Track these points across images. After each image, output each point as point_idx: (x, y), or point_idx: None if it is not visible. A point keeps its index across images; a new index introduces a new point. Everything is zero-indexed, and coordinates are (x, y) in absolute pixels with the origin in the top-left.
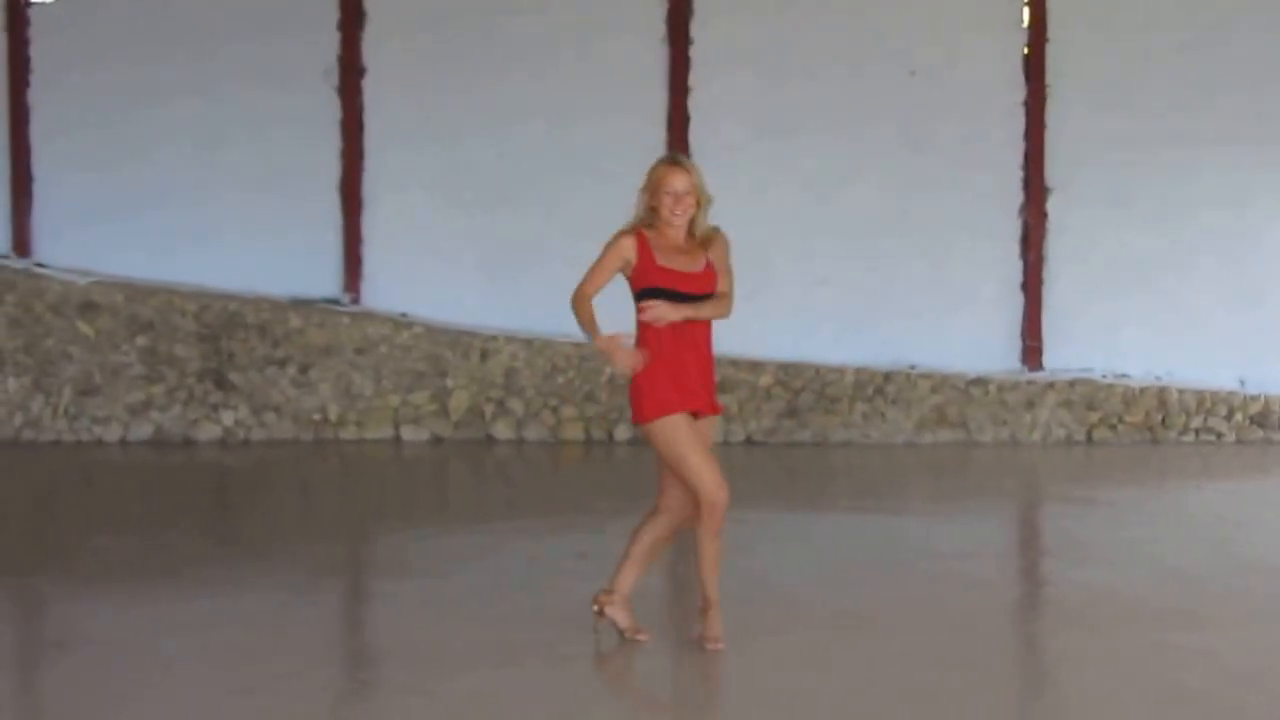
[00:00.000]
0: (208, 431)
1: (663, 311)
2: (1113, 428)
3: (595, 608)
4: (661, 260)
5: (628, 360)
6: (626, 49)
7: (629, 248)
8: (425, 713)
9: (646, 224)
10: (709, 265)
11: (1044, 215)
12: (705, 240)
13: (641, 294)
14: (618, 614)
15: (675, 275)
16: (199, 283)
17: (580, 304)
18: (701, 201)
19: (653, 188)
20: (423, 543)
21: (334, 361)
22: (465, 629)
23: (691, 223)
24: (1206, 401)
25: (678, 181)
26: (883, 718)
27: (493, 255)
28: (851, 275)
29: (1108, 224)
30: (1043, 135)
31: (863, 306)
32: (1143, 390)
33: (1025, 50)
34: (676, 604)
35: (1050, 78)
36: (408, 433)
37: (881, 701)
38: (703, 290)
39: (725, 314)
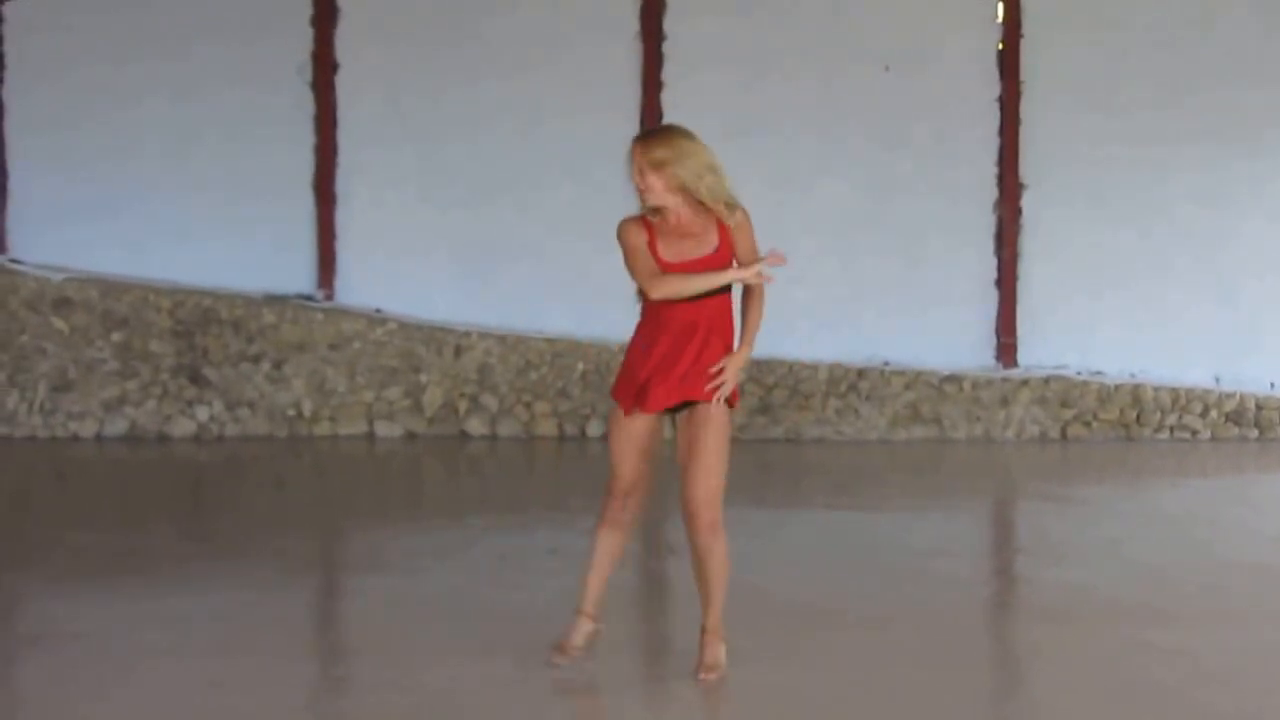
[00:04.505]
0: (182, 427)
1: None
2: (1087, 425)
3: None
4: (666, 252)
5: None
6: (600, 45)
7: (640, 234)
8: (400, 708)
9: (650, 211)
10: (722, 245)
11: (1018, 212)
12: (731, 217)
13: None
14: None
15: (684, 266)
16: (173, 279)
17: (663, 285)
18: (683, 176)
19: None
20: (396, 539)
21: (308, 358)
22: (439, 625)
23: (692, 194)
24: (1181, 399)
25: (632, 163)
26: (856, 715)
27: (466, 251)
28: (825, 272)
29: (1082, 221)
30: (1017, 132)
31: (836, 303)
32: (1117, 387)
33: (1000, 46)
34: (648, 602)
35: (1025, 74)
36: (382, 428)
37: (855, 699)
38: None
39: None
